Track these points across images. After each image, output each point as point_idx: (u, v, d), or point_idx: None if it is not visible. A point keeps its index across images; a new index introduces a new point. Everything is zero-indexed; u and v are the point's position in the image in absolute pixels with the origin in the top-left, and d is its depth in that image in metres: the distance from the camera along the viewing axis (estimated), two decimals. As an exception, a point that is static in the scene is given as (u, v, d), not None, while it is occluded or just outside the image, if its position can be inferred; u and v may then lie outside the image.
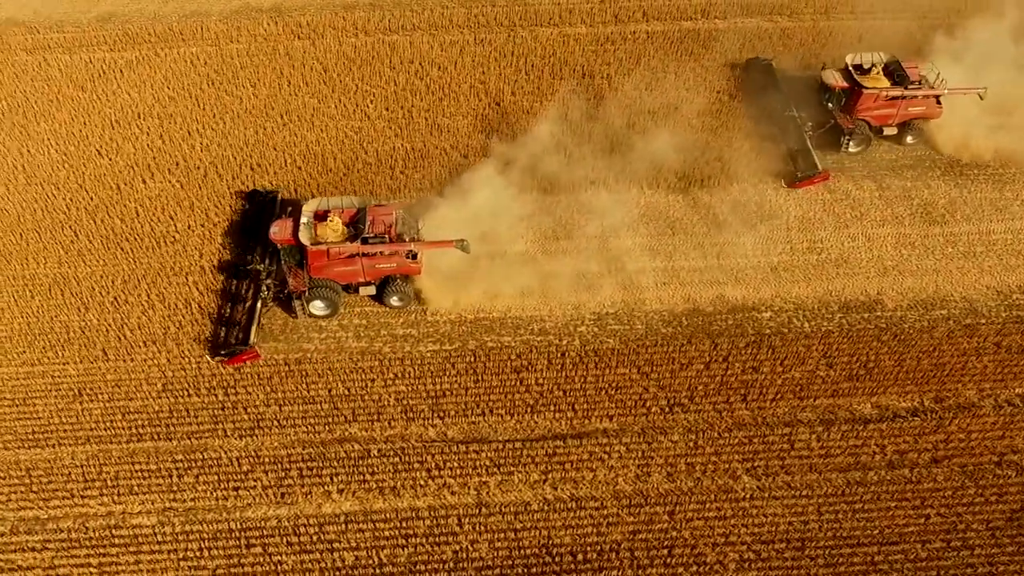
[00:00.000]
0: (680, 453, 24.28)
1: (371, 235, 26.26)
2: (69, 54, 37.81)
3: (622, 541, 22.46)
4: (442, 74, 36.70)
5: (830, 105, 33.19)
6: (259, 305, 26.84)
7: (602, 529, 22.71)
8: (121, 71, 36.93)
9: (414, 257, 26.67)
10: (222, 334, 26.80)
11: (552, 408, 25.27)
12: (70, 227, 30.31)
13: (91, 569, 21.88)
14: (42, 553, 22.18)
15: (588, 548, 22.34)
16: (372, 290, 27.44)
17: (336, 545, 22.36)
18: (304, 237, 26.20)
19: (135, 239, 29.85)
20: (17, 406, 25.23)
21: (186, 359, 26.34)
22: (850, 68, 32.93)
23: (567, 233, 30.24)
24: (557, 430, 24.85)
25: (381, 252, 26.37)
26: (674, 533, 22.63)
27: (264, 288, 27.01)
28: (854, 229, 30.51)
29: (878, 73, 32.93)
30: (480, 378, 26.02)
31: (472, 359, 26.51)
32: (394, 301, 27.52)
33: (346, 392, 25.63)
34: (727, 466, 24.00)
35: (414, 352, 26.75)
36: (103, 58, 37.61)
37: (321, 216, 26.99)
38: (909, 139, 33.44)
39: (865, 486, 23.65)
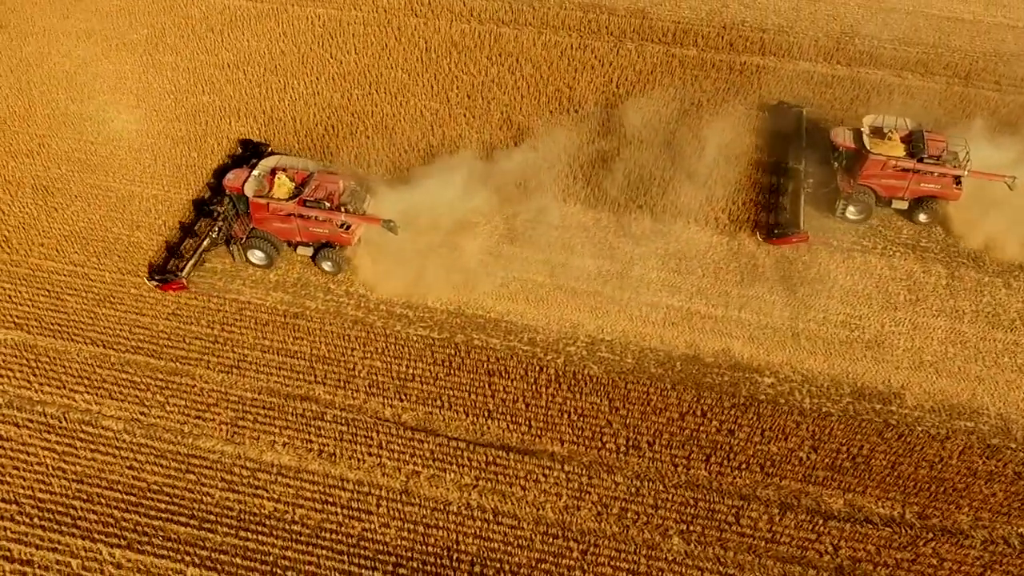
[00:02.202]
0: (618, 496, 23.40)
1: (310, 199, 27.28)
2: (214, -2, 41.21)
3: (524, 565, 22.02)
4: (534, 72, 36.83)
5: (836, 165, 30.64)
6: (206, 243, 28.58)
7: (510, 548, 22.35)
8: (251, 20, 39.78)
9: (346, 228, 27.47)
10: (168, 262, 28.79)
11: (509, 418, 25.05)
12: (153, 151, 33.20)
13: (54, 453, 24.14)
14: (22, 429, 24.72)
15: (489, 562, 22.09)
16: (310, 251, 28.62)
17: (261, 492, 23.39)
18: (249, 189, 27.67)
19: (201, 172, 32.23)
20: (52, 299, 28.10)
21: (200, 290, 28.29)
22: (863, 130, 30.13)
23: (596, 251, 29.65)
24: (505, 440, 24.63)
25: (316, 217, 27.36)
26: (579, 573, 21.91)
27: (215, 229, 28.68)
28: (903, 314, 27.90)
29: (894, 139, 29.94)
30: (452, 372, 26.20)
31: (453, 352, 26.73)
32: (325, 266, 28.57)
33: (326, 354, 26.61)
34: (661, 522, 22.87)
35: (403, 332, 27.32)
36: (241, 6, 40.66)
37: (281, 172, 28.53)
38: (922, 217, 30.32)
39: (801, 583, 21.86)
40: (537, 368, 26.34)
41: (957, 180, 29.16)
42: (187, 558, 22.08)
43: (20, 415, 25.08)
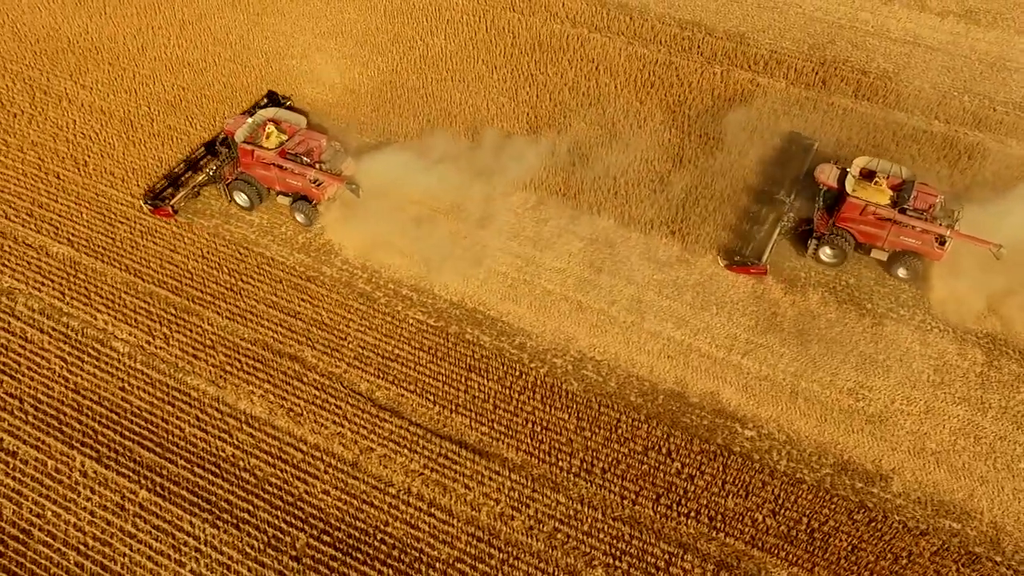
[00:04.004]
0: (555, 515, 23.13)
1: (290, 151, 29.09)
2: (329, -31, 43.09)
3: (441, 560, 22.21)
4: (610, 81, 36.44)
5: (818, 203, 29.14)
6: (201, 178, 30.94)
7: (434, 542, 22.58)
8: (357, -6, 41.46)
9: (317, 184, 28.93)
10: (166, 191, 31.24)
11: (474, 416, 25.21)
12: (232, 104, 35.26)
13: (63, 362, 26.42)
14: (44, 335, 27.18)
15: (410, 549, 22.42)
16: (288, 201, 30.30)
17: (225, 436, 24.70)
18: (240, 134, 29.52)
19: (266, 131, 34.08)
20: (105, 224, 30.61)
21: (233, 239, 30.04)
22: (850, 171, 28.55)
23: (615, 269, 29.19)
24: (464, 437, 24.82)
25: (291, 169, 29.04)
26: (491, 580, 21.94)
27: (213, 167, 30.85)
28: (919, 393, 25.88)
29: (882, 185, 28.18)
30: (435, 360, 26.61)
31: (442, 340, 27.14)
32: (298, 217, 30.26)
33: (324, 320, 27.64)
34: (588, 550, 22.44)
35: (402, 313, 27.96)
36: (353, -21, 42.39)
37: (275, 124, 30.55)
38: (900, 273, 28.37)
39: (714, 646, 20.93)
40: (517, 373, 26.33)
41: (942, 240, 26.99)
42: (143, 481, 23.69)
43: (47, 322, 27.58)
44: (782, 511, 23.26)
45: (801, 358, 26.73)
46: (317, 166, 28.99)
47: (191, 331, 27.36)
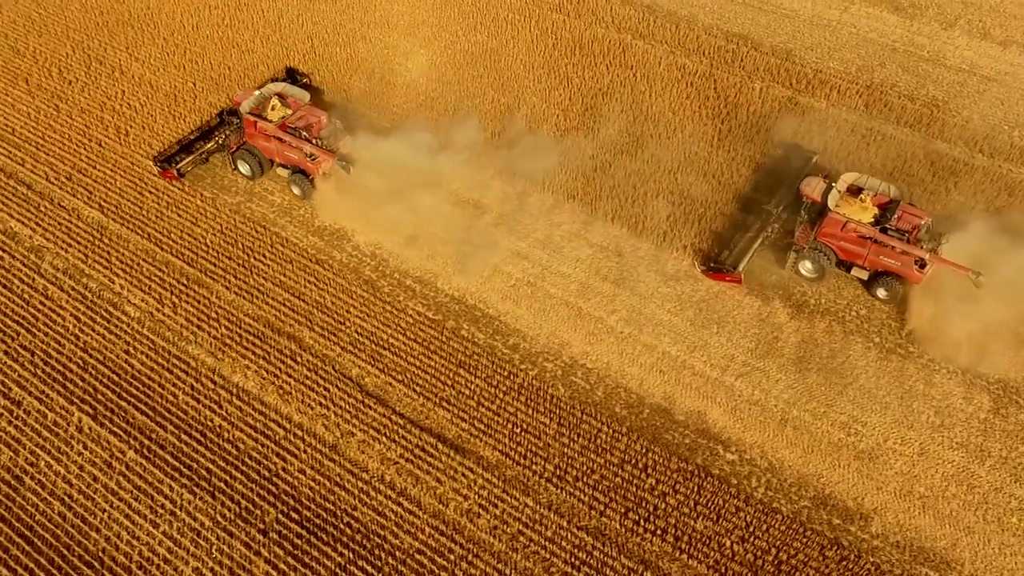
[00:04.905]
0: (521, 518, 23.18)
1: (290, 125, 30.19)
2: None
3: (400, 549, 22.51)
4: (646, 89, 36.09)
5: (802, 216, 28.67)
6: (210, 145, 32.10)
7: (398, 531, 22.90)
8: (410, -12, 42.01)
9: (312, 158, 29.86)
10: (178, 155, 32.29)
11: (456, 412, 25.42)
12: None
13: (77, 320, 27.66)
14: (64, 293, 28.49)
15: (373, 535, 22.79)
16: (287, 173, 31.37)
17: (216, 407, 25.50)
18: (245, 106, 30.65)
19: (300, 115, 34.88)
20: (135, 192, 31.86)
21: (253, 218, 30.91)
22: (836, 186, 27.94)
23: (620, 278, 29.00)
24: (444, 431, 25.06)
25: (289, 142, 30.02)
26: (445, 573, 22.09)
27: (223, 135, 32.08)
28: (916, 434, 25.00)
29: (867, 203, 27.52)
30: (428, 353, 26.91)
31: (437, 334, 27.42)
32: (294, 189, 31.44)
33: (328, 304, 28.22)
34: (548, 556, 22.43)
35: (403, 303, 28.35)
36: (409, -28, 42.95)
37: (281, 98, 31.67)
38: (880, 293, 27.75)
39: (659, 667, 20.69)
40: (506, 373, 26.43)
41: (921, 263, 26.11)
42: (133, 442, 24.67)
43: (68, 282, 28.90)
44: (752, 539, 22.82)
45: (797, 386, 26.12)
46: (314, 141, 29.96)
47: (199, 302, 28.30)
